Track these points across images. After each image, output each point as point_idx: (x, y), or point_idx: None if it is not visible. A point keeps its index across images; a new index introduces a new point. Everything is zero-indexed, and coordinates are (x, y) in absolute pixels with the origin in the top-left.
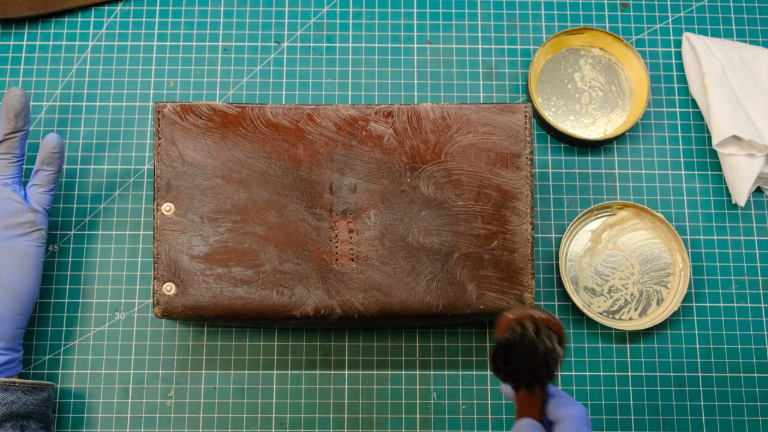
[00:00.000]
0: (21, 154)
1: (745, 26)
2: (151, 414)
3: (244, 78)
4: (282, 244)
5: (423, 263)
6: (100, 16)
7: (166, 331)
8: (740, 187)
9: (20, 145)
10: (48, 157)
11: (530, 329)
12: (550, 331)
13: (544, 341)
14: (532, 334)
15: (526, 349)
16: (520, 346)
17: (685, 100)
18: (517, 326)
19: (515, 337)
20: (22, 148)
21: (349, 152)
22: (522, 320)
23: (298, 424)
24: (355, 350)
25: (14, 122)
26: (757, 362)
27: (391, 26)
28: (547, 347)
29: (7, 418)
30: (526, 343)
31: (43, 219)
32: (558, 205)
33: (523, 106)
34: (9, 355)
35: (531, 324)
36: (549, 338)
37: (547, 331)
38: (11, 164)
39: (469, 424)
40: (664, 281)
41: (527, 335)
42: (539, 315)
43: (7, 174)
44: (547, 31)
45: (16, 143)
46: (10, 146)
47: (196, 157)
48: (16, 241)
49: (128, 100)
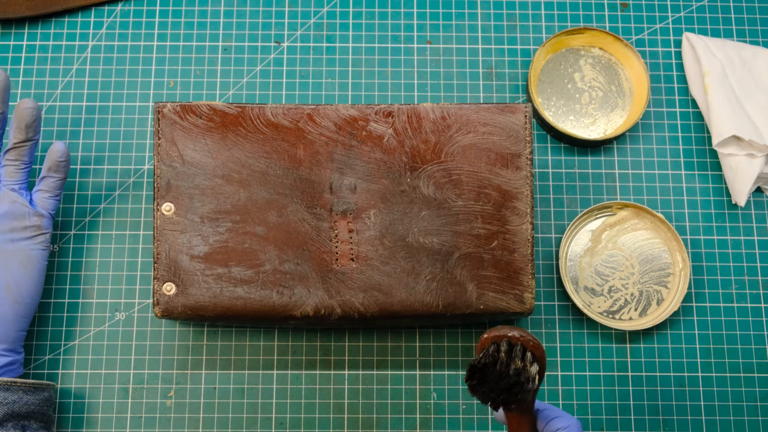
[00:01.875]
0: (29, 161)
1: (745, 26)
2: (151, 414)
3: (244, 78)
4: (282, 244)
5: (423, 263)
6: (100, 16)
7: (166, 331)
8: (740, 187)
9: (29, 153)
10: (55, 164)
11: (503, 350)
12: (525, 350)
13: (516, 361)
14: (503, 355)
15: (497, 369)
16: (492, 366)
17: (685, 100)
18: (491, 346)
19: (487, 358)
20: (31, 156)
21: (349, 152)
22: (497, 340)
23: (298, 424)
24: (355, 350)
25: (25, 133)
26: (757, 362)
27: (391, 26)
28: (517, 367)
29: (8, 418)
30: (497, 364)
31: (48, 223)
32: (558, 205)
33: (523, 106)
34: (11, 356)
35: (506, 344)
36: (522, 358)
37: (521, 351)
38: (19, 170)
39: (469, 424)
40: (664, 281)
41: (498, 356)
42: (515, 335)
43: (15, 180)
44: (547, 31)
45: (25, 151)
46: (19, 154)
47: (196, 157)
48: (22, 244)
49: (128, 100)
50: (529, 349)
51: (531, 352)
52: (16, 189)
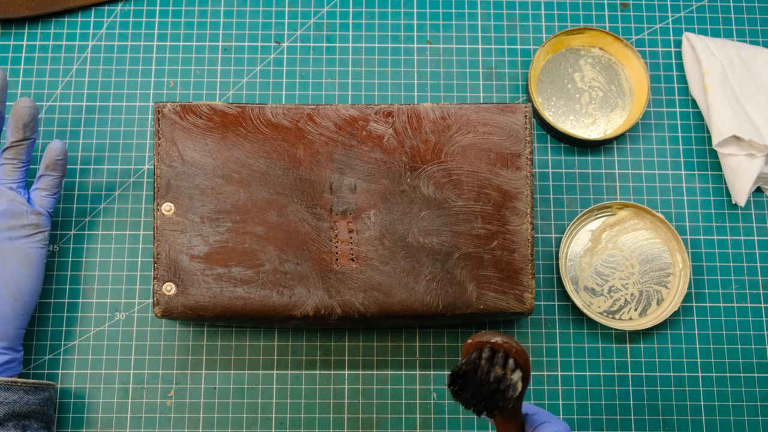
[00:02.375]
0: (27, 159)
1: (745, 26)
2: (151, 414)
3: (244, 78)
4: (282, 244)
5: (423, 263)
6: (100, 16)
7: (166, 331)
8: (740, 187)
9: (27, 152)
10: (52, 163)
11: (485, 356)
12: (507, 357)
13: (497, 369)
14: (484, 362)
15: (478, 376)
16: (473, 373)
17: (685, 100)
18: (473, 353)
19: (468, 365)
20: (29, 155)
21: (349, 152)
22: (480, 346)
23: (298, 424)
24: (355, 350)
25: (22, 132)
26: (757, 362)
27: (391, 26)
28: (497, 375)
29: (8, 418)
30: (478, 371)
31: (46, 221)
32: (558, 205)
33: (523, 106)
34: (10, 354)
35: (488, 350)
36: (504, 365)
37: (503, 359)
38: (17, 169)
39: (469, 424)
40: (664, 281)
41: (478, 363)
42: (498, 341)
43: (13, 178)
44: (547, 31)
45: (22, 150)
46: (17, 152)
47: (196, 157)
48: (20, 242)
49: (128, 100)
50: (512, 356)
51: (514, 358)
52: (13, 187)
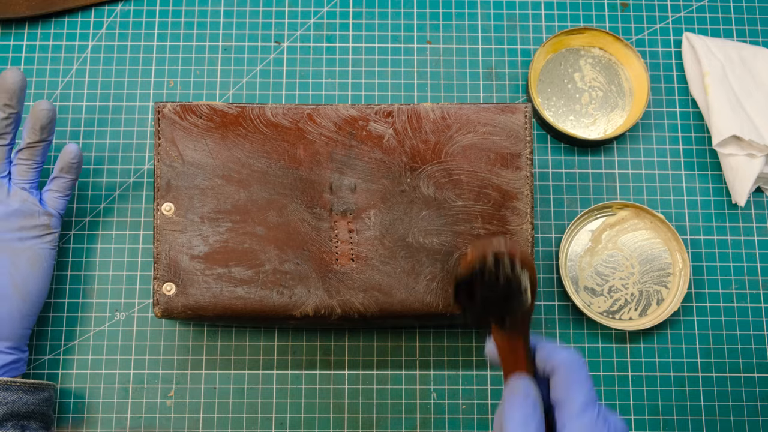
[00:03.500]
0: (41, 161)
1: (745, 26)
2: (151, 414)
3: (244, 78)
4: (282, 244)
5: (423, 263)
6: (100, 16)
7: (166, 331)
8: (740, 187)
9: (42, 153)
10: (67, 165)
11: (490, 261)
12: (513, 260)
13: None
14: (491, 265)
15: (486, 280)
16: (480, 278)
17: (685, 100)
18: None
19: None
20: (43, 156)
21: (349, 152)
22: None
23: (298, 424)
24: (355, 350)
25: (39, 134)
26: (757, 362)
27: (391, 26)
28: (507, 276)
29: (8, 418)
30: (485, 275)
31: (57, 223)
32: (558, 205)
33: (523, 106)
34: (15, 354)
35: (492, 257)
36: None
37: (509, 261)
38: (31, 170)
39: (469, 424)
40: (664, 281)
41: (485, 267)
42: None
43: (26, 179)
44: (547, 31)
45: (38, 151)
46: (32, 154)
47: (196, 157)
48: (31, 242)
49: (128, 100)
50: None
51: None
52: (26, 188)
